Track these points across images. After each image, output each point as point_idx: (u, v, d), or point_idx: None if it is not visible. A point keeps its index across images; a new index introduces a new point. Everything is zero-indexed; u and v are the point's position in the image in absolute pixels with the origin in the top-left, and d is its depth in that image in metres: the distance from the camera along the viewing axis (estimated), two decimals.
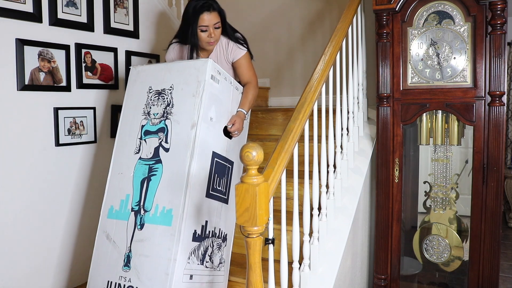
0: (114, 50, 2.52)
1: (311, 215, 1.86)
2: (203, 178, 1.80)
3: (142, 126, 1.91)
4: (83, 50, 2.34)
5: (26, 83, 2.07)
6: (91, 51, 2.38)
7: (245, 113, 2.04)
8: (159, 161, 1.82)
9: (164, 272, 1.67)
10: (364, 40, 2.68)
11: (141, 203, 1.82)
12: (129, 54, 2.62)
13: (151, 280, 1.70)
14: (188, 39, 2.05)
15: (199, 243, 1.78)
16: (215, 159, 1.88)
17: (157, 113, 1.88)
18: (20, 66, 2.05)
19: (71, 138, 2.30)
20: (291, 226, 1.76)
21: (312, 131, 1.96)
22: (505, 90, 2.04)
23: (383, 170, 2.28)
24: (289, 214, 1.87)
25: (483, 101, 2.07)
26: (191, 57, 2.09)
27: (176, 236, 1.68)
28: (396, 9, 2.18)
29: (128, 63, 2.61)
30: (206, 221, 1.82)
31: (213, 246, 1.87)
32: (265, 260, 1.45)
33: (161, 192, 1.78)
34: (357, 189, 2.30)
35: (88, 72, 2.38)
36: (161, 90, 1.91)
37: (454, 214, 2.34)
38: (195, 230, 1.76)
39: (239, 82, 2.15)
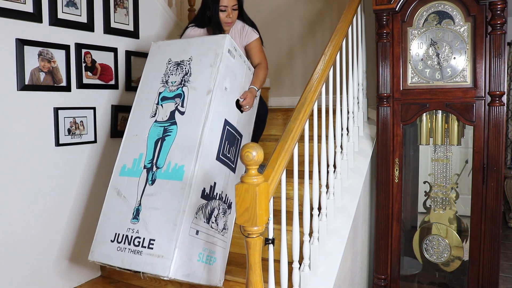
0: (114, 50, 2.52)
1: (311, 215, 1.86)
2: (215, 141, 1.92)
3: (160, 93, 2.04)
4: (83, 50, 2.34)
5: (26, 83, 2.07)
6: (91, 51, 2.38)
7: (257, 90, 2.19)
8: (174, 123, 1.94)
9: (173, 223, 1.74)
10: (364, 40, 2.68)
11: (154, 161, 1.92)
12: (129, 54, 2.62)
13: (159, 231, 1.77)
14: (212, 18, 2.24)
15: (207, 201, 1.86)
16: (227, 127, 2.00)
17: (175, 81, 2.02)
18: (20, 66, 2.05)
19: (71, 138, 2.30)
20: (291, 226, 1.76)
21: (312, 131, 1.96)
22: (505, 90, 2.04)
23: (383, 170, 2.28)
24: (289, 214, 1.87)
25: (483, 101, 2.07)
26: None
27: (186, 190, 1.77)
28: (396, 9, 2.18)
29: (128, 63, 2.61)
30: (215, 183, 1.91)
31: (219, 209, 1.94)
32: (265, 260, 1.45)
33: (174, 151, 1.89)
34: (357, 189, 2.30)
35: (88, 72, 2.38)
36: (180, 61, 2.05)
37: (454, 214, 2.34)
38: (204, 188, 1.84)
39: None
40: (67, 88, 2.27)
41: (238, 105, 2.08)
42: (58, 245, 2.28)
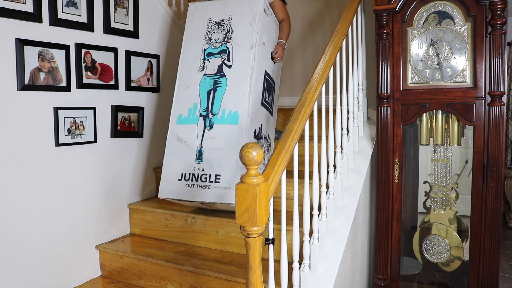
0: (114, 50, 2.52)
1: (311, 215, 1.86)
2: (259, 89, 2.25)
3: (205, 49, 2.34)
4: (83, 50, 2.34)
5: (26, 83, 2.07)
6: (91, 51, 2.38)
7: (285, 43, 2.53)
8: (223, 76, 2.24)
9: (234, 159, 2.05)
10: (364, 40, 2.68)
11: (209, 109, 2.23)
12: (129, 54, 2.62)
13: (223, 168, 2.09)
14: None
15: (257, 140, 2.21)
16: (266, 77, 2.33)
17: (218, 39, 2.31)
18: (20, 66, 2.05)
19: (71, 138, 2.30)
20: (291, 226, 1.76)
21: (312, 131, 1.96)
22: (505, 90, 2.04)
23: (383, 170, 2.28)
24: (289, 214, 1.87)
25: (483, 101, 2.07)
26: None
27: (243, 132, 2.10)
28: (396, 9, 2.18)
29: (128, 63, 2.62)
30: (261, 125, 2.26)
31: (264, 146, 2.30)
32: (265, 260, 1.45)
33: (227, 99, 2.20)
34: (357, 189, 2.30)
35: (88, 72, 2.38)
36: (220, 20, 2.33)
37: (454, 214, 2.34)
38: (255, 129, 2.18)
39: None
40: (67, 88, 2.27)
41: (271, 57, 2.42)
42: (58, 245, 2.28)
